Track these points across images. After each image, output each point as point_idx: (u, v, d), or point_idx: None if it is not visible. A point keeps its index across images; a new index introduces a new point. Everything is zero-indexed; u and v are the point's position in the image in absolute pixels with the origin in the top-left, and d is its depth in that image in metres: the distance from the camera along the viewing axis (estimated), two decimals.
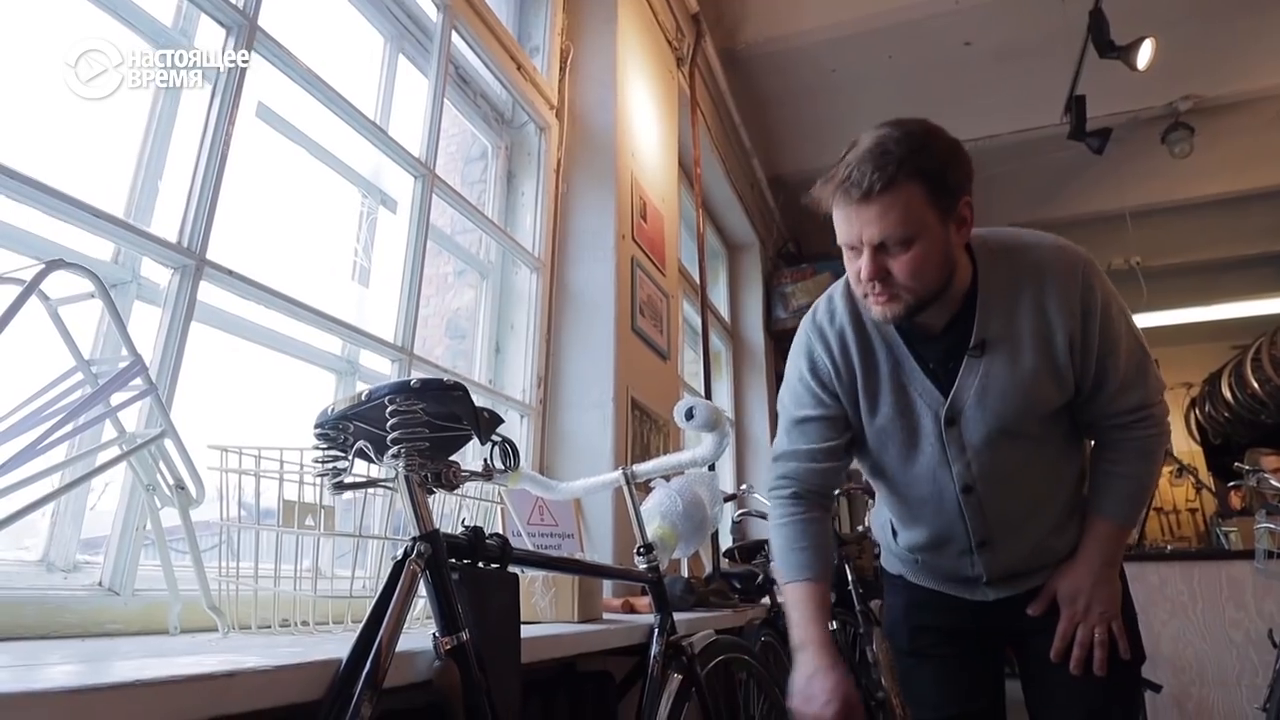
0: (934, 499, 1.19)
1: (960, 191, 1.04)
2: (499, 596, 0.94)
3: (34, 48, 1.23)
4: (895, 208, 1.00)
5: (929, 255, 1.02)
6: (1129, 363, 1.12)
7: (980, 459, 1.14)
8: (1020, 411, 1.11)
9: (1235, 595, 3.39)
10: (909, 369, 1.16)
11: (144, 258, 1.20)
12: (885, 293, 1.05)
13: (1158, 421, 1.15)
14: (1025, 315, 1.09)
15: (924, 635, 1.30)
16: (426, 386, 0.79)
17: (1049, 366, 1.10)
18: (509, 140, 2.46)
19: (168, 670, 0.59)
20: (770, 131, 4.59)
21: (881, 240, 1.01)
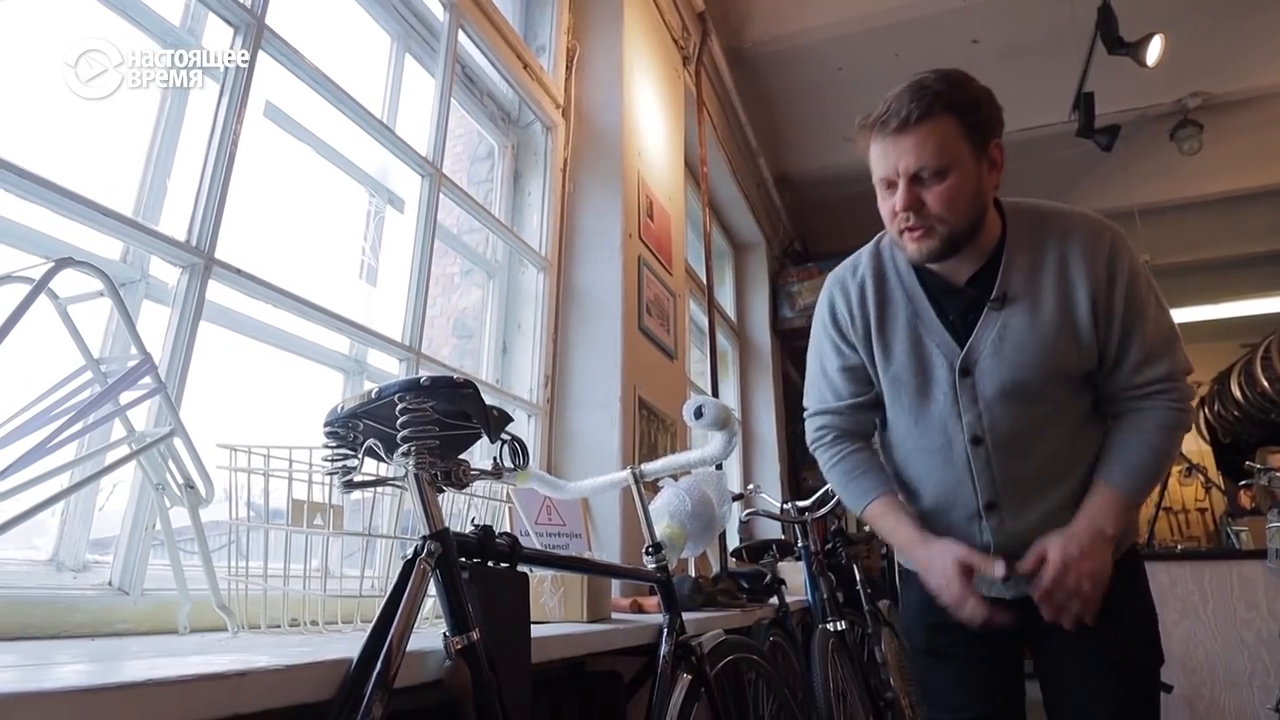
0: (943, 451, 1.18)
1: (991, 133, 1.09)
2: (509, 596, 0.93)
3: (43, 47, 1.23)
4: (932, 137, 1.03)
5: (962, 188, 1.05)
6: (1155, 335, 1.11)
7: (992, 411, 1.13)
8: (1036, 367, 1.11)
9: (1247, 595, 3.37)
10: (927, 319, 1.17)
11: (153, 257, 1.20)
12: (920, 226, 1.07)
13: (1181, 398, 1.12)
14: (1049, 273, 1.11)
15: (941, 634, 1.26)
16: (437, 384, 0.78)
17: (1068, 324, 1.10)
18: (515, 140, 2.45)
19: (179, 670, 0.59)
20: (776, 130, 4.58)
21: (918, 170, 1.04)
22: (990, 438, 1.14)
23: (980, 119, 1.08)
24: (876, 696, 2.60)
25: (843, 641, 2.26)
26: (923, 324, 1.17)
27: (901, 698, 2.74)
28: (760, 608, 2.28)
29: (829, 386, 1.28)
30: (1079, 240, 1.12)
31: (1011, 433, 1.14)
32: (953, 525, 1.20)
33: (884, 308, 1.20)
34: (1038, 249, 1.13)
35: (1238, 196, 5.17)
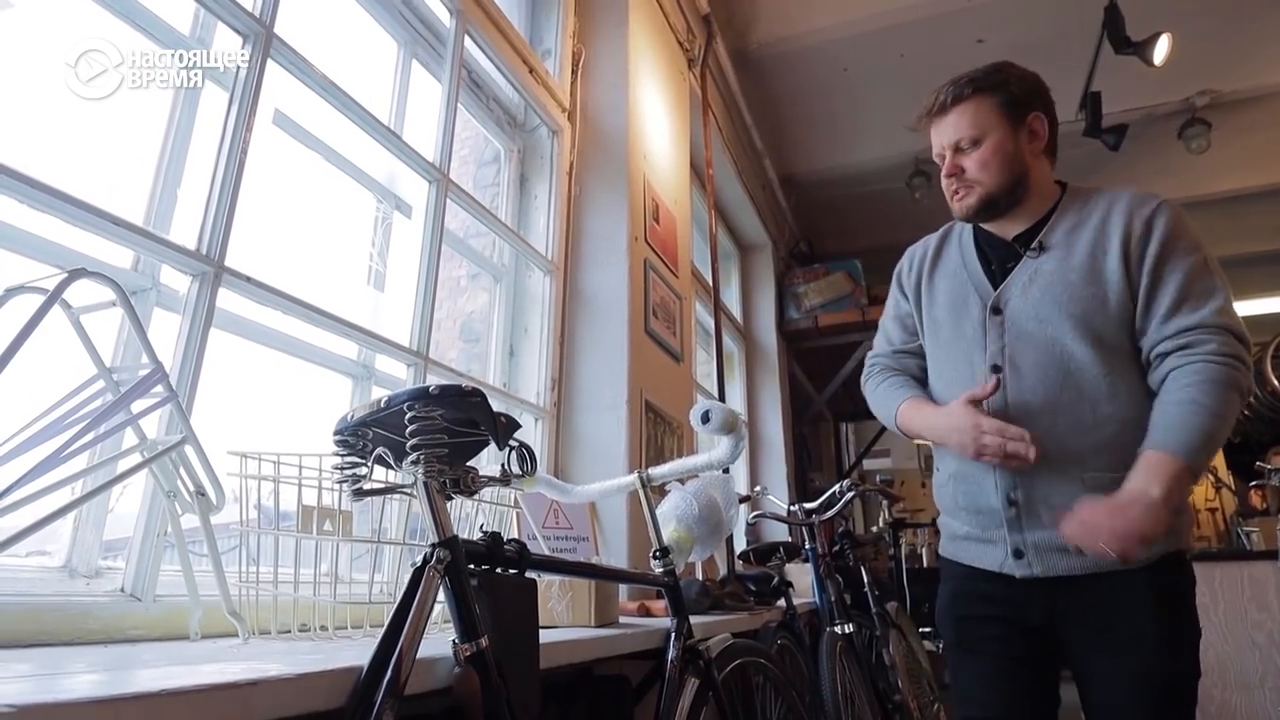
0: (964, 382, 1.27)
1: (1029, 107, 1.26)
2: (517, 602, 0.93)
3: (52, 57, 1.24)
4: (965, 114, 1.25)
5: (995, 152, 1.24)
6: (1191, 280, 1.15)
7: (1014, 346, 1.24)
8: (1060, 310, 1.20)
9: (1258, 596, 3.34)
10: (971, 266, 1.33)
11: (164, 265, 1.21)
12: (961, 188, 1.27)
13: (1219, 349, 1.10)
14: (1088, 229, 1.23)
15: (968, 626, 1.30)
16: (445, 393, 0.79)
17: (1096, 271, 1.20)
18: (522, 143, 2.46)
19: (192, 679, 0.59)
20: (782, 131, 4.58)
21: (955, 141, 1.26)
22: (1008, 368, 1.23)
23: (1012, 95, 1.25)
24: (885, 700, 2.59)
25: (850, 644, 2.26)
26: (967, 270, 1.33)
27: (910, 700, 2.73)
28: (768, 610, 2.28)
29: (884, 335, 1.48)
30: (1124, 202, 1.23)
31: (1030, 369, 1.22)
32: (971, 477, 1.27)
33: (938, 261, 1.38)
34: (1084, 211, 1.26)
35: (1246, 195, 5.14)
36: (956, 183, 1.27)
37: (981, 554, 1.27)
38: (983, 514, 1.26)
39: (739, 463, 4.27)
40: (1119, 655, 1.16)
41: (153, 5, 1.29)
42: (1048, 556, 1.19)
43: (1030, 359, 1.22)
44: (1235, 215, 5.41)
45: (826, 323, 4.76)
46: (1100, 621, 1.18)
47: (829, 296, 4.83)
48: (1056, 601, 1.21)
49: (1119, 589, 1.17)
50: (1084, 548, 1.10)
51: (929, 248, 1.41)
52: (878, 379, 1.44)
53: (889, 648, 2.78)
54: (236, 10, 1.35)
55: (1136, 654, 1.15)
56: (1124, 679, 1.16)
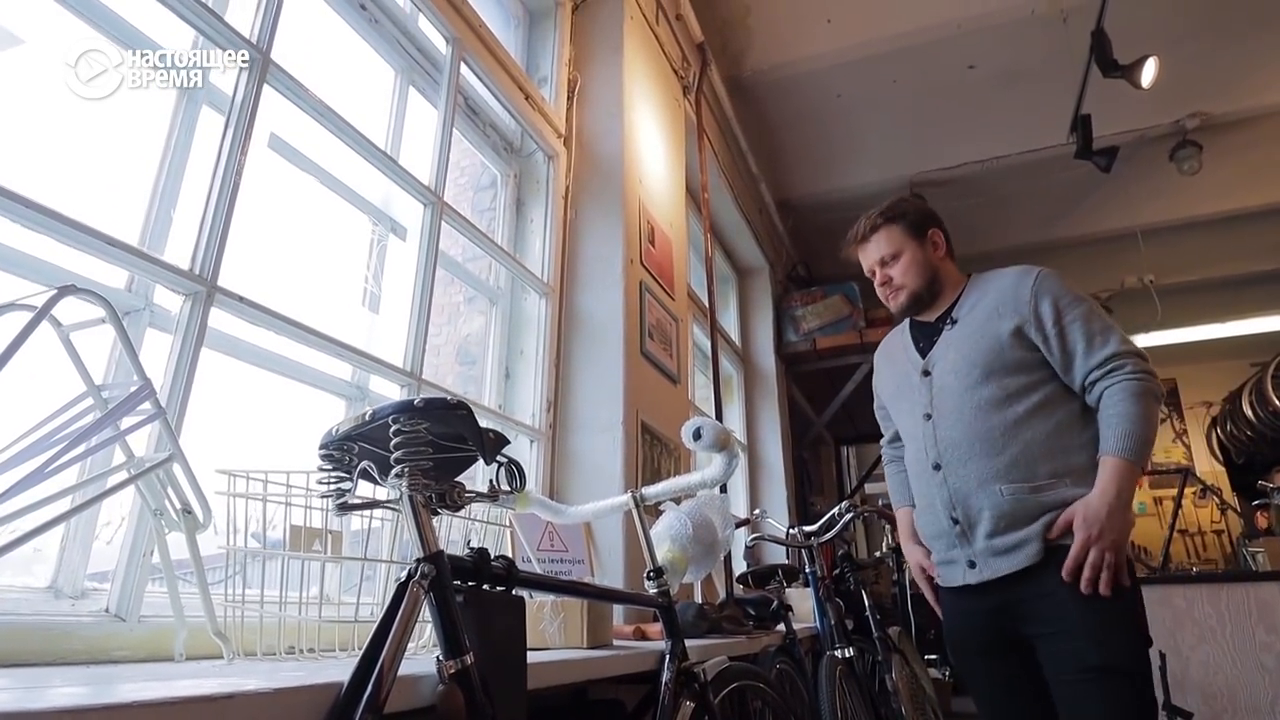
0: (912, 432, 1.62)
1: (926, 226, 1.65)
2: (504, 619, 0.92)
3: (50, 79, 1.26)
4: (882, 238, 1.65)
5: (912, 262, 1.63)
6: (1088, 330, 1.46)
7: (939, 396, 1.56)
8: (969, 362, 1.52)
9: (1266, 618, 3.29)
10: (908, 349, 1.69)
11: (157, 285, 1.22)
12: (892, 292, 1.65)
13: (1136, 369, 1.41)
14: (985, 301, 1.57)
15: (964, 659, 1.60)
16: (430, 406, 0.79)
17: (992, 328, 1.52)
18: (518, 168, 2.49)
19: (165, 692, 0.58)
20: (777, 156, 4.64)
21: (880, 258, 1.65)
22: (935, 414, 1.56)
23: (912, 220, 1.64)
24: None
25: (851, 668, 2.22)
26: (905, 352, 1.69)
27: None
28: (767, 635, 2.25)
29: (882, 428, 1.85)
30: (1010, 277, 1.57)
31: (949, 412, 1.53)
32: (921, 485, 1.60)
33: (889, 357, 1.76)
34: (982, 289, 1.61)
35: (1240, 215, 5.17)
36: (888, 289, 1.65)
37: (951, 574, 1.55)
38: (941, 538, 1.55)
39: (738, 486, 4.24)
40: (1057, 641, 1.38)
41: (151, 32, 1.32)
42: (990, 561, 1.46)
43: (950, 404, 1.53)
44: (1229, 236, 5.44)
45: (825, 345, 4.76)
46: (1040, 613, 1.41)
47: (827, 319, 4.84)
48: (1007, 595, 1.45)
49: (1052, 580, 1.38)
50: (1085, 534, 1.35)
51: (882, 351, 1.81)
52: (888, 469, 1.85)
53: (891, 673, 2.73)
54: (233, 36, 1.37)
55: (1070, 639, 1.36)
56: (1064, 663, 1.37)
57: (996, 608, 1.47)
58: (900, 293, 1.63)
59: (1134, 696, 1.32)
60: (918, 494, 1.62)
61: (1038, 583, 1.40)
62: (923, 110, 4.21)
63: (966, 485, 1.48)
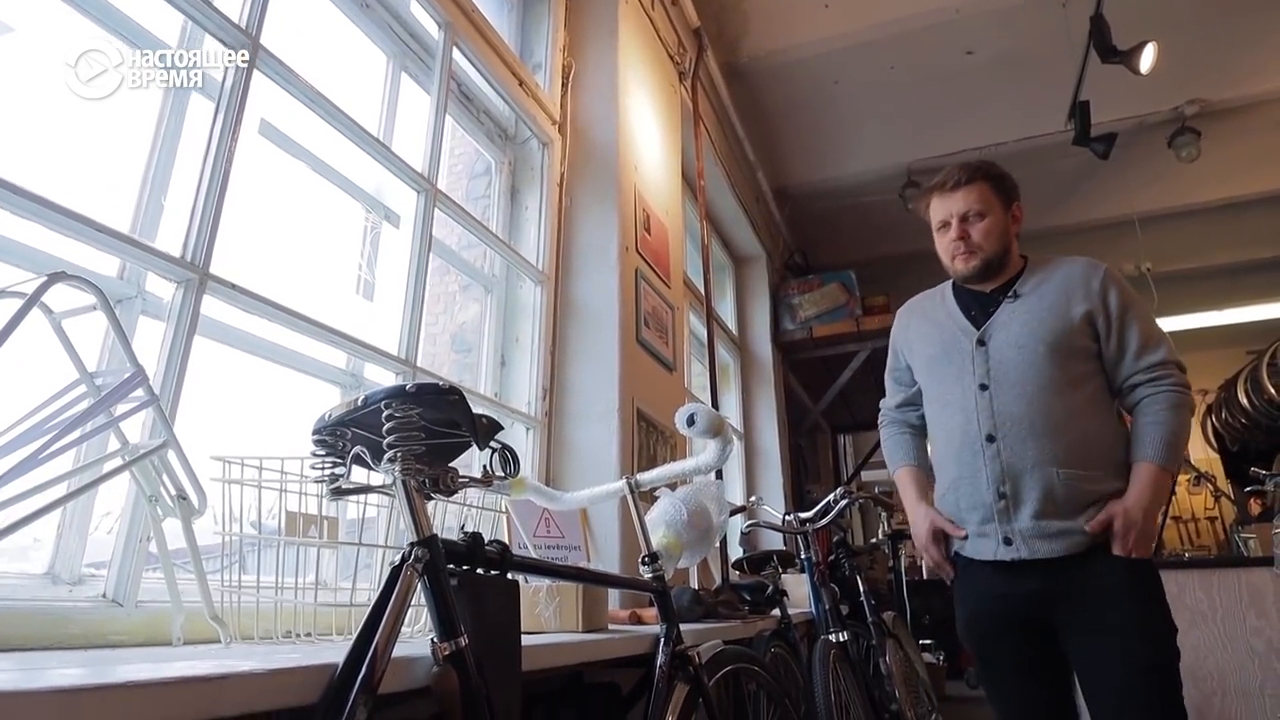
0: (960, 400, 1.55)
1: (1013, 197, 1.61)
2: (498, 603, 0.93)
3: (43, 70, 1.25)
4: (974, 192, 1.57)
5: (994, 226, 1.57)
6: (1148, 331, 1.50)
7: (998, 369, 1.52)
8: (1035, 337, 1.49)
9: (1256, 603, 3.32)
10: (955, 316, 1.63)
11: (149, 273, 1.21)
12: (966, 250, 1.57)
13: (1179, 383, 1.46)
14: (1052, 282, 1.55)
15: (986, 644, 1.58)
16: (422, 391, 0.79)
17: (1064, 315, 1.50)
18: (512, 155, 2.48)
19: (161, 673, 0.59)
20: (774, 143, 4.62)
21: (964, 212, 1.57)
22: (994, 385, 1.51)
23: (1006, 186, 1.60)
24: (881, 709, 2.57)
25: (845, 652, 2.24)
26: (951, 319, 1.64)
27: (907, 709, 2.70)
28: (762, 619, 2.27)
29: (888, 390, 1.82)
30: (1079, 265, 1.57)
31: (1011, 385, 1.49)
32: (965, 454, 1.53)
33: (926, 319, 1.70)
34: (1046, 271, 1.59)
35: (1238, 203, 5.17)
36: (964, 246, 1.57)
37: (979, 547, 1.52)
38: (979, 509, 1.51)
39: (735, 474, 4.26)
40: (1104, 642, 1.39)
41: (141, 19, 1.31)
42: (1031, 542, 1.44)
43: (1013, 378, 1.49)
44: (1226, 223, 5.44)
45: (821, 333, 4.77)
46: (1083, 606, 1.41)
47: (824, 307, 4.84)
48: (1045, 584, 1.44)
49: (1098, 572, 1.41)
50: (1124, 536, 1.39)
51: (913, 310, 1.76)
52: (886, 431, 1.82)
53: (885, 657, 2.76)
54: (223, 22, 1.36)
55: (1117, 636, 1.38)
56: (1111, 660, 1.38)
57: (1035, 593, 1.45)
58: (975, 255, 1.57)
59: (1172, 688, 1.37)
60: (956, 462, 1.55)
61: (1075, 576, 1.42)
62: (921, 97, 4.19)
63: (1022, 462, 1.45)
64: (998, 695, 1.58)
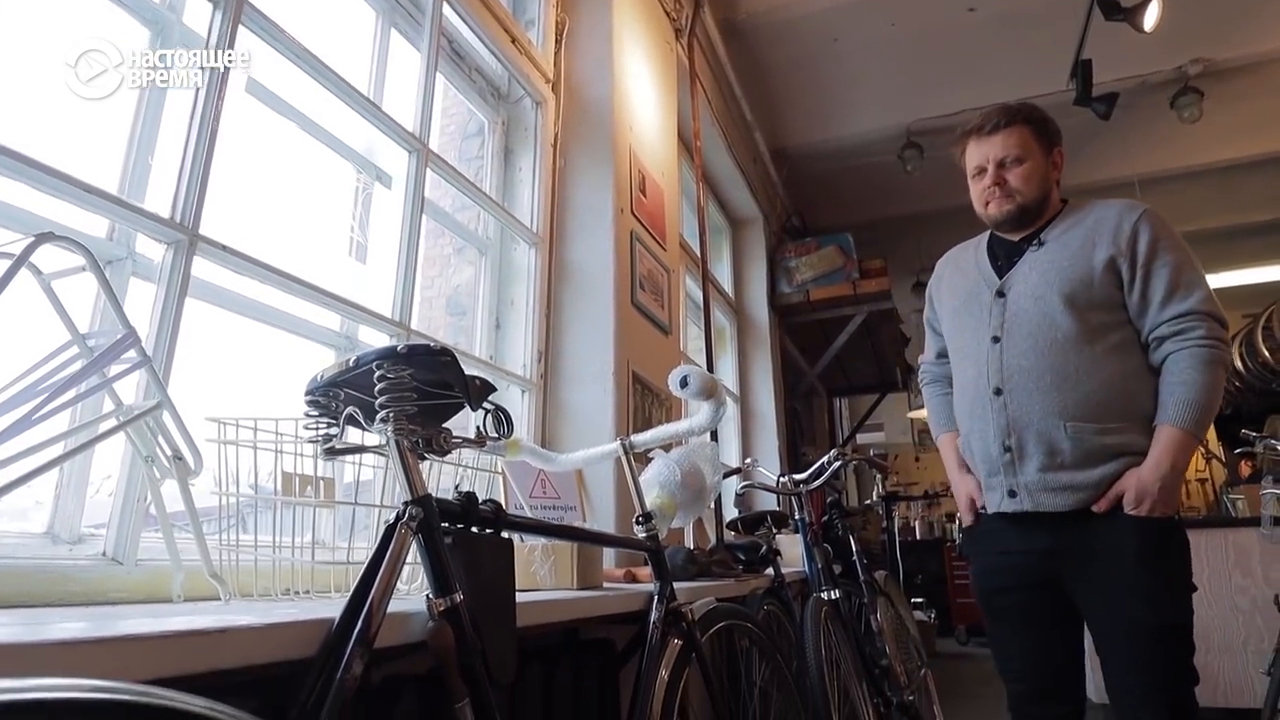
0: (973, 352, 1.55)
1: (1055, 142, 1.55)
2: (493, 560, 0.95)
3: (25, 27, 1.22)
4: (1013, 136, 1.51)
5: (1034, 171, 1.51)
6: (1174, 278, 1.40)
7: (1012, 321, 1.49)
8: (1053, 289, 1.45)
9: (1242, 562, 3.39)
10: (982, 263, 1.61)
11: (139, 234, 1.20)
12: (1002, 195, 1.52)
13: (1209, 334, 1.37)
14: (1081, 228, 1.50)
15: (995, 597, 1.56)
16: (414, 351, 0.79)
17: (1085, 258, 1.45)
18: (505, 115, 2.44)
19: (161, 626, 0.60)
20: (772, 103, 4.54)
21: (1001, 157, 1.51)
22: (1005, 338, 1.49)
23: (1047, 130, 1.54)
24: (871, 665, 2.63)
25: (836, 610, 2.29)
26: (978, 268, 1.60)
27: (897, 665, 2.77)
28: (755, 578, 2.31)
29: (928, 343, 1.80)
30: (1115, 207, 1.49)
31: (1023, 338, 1.47)
32: (975, 408, 1.54)
33: (957, 270, 1.67)
34: (1078, 215, 1.52)
35: (1239, 165, 5.13)
36: (1000, 191, 1.52)
37: (990, 499, 1.54)
38: (987, 462, 1.51)
39: (730, 437, 4.29)
40: (1115, 602, 1.38)
41: None
42: (1036, 495, 1.43)
43: (1025, 329, 1.46)
44: (1226, 186, 5.40)
45: (818, 296, 4.76)
46: (1093, 565, 1.40)
47: (821, 270, 4.82)
48: (1054, 542, 1.43)
49: (1104, 530, 1.38)
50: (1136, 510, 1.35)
51: (949, 259, 1.73)
52: (927, 389, 1.80)
53: (876, 614, 2.82)
54: None
55: (1126, 597, 1.36)
56: (1117, 620, 1.38)
57: (1046, 551, 1.45)
58: (1011, 200, 1.51)
59: (1181, 650, 1.36)
60: (969, 416, 1.56)
61: (1088, 535, 1.40)
62: (921, 55, 4.11)
63: (1027, 415, 1.43)
64: (1003, 648, 1.56)
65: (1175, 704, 1.36)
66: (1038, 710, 1.51)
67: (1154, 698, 1.35)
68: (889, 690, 2.64)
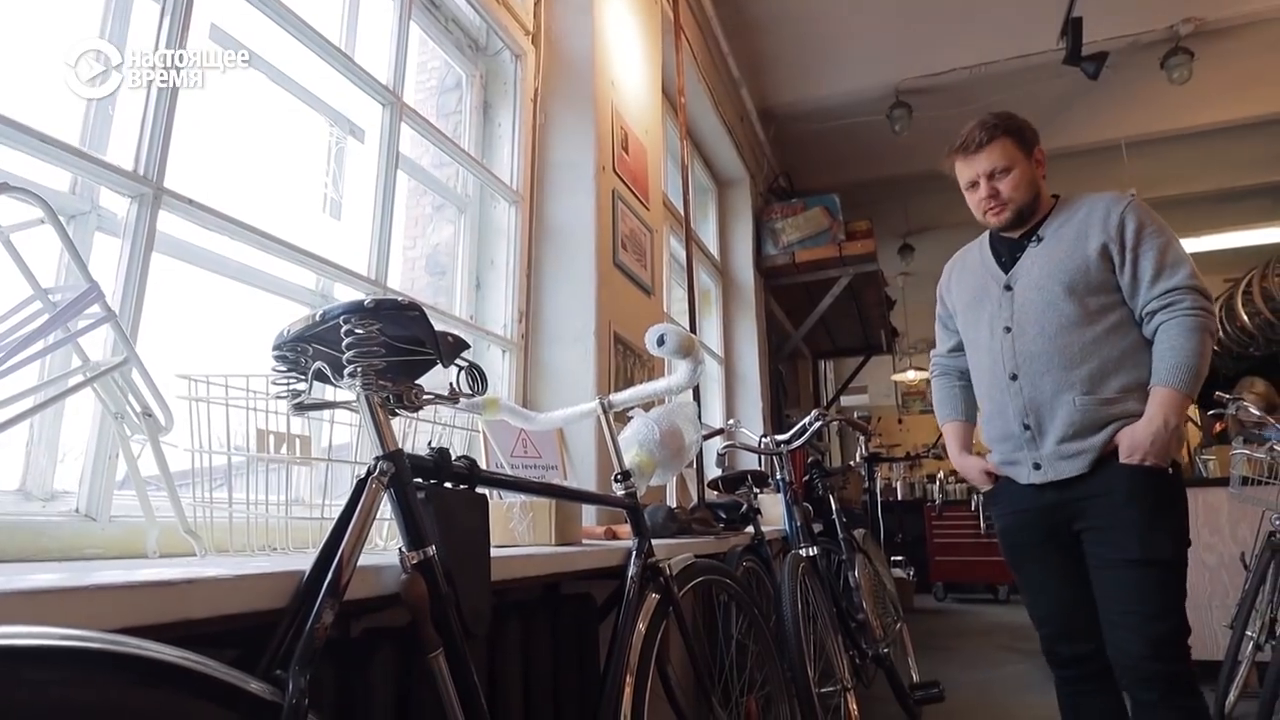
0: (988, 343, 1.71)
1: (1034, 144, 1.69)
2: (467, 516, 0.95)
3: None
4: (996, 150, 1.65)
5: (1021, 177, 1.66)
6: (1160, 259, 1.55)
7: (1021, 310, 1.65)
8: (1054, 279, 1.60)
9: (1211, 520, 3.48)
10: (987, 262, 1.76)
11: (102, 188, 1.17)
12: (997, 205, 1.68)
13: (1194, 305, 1.51)
14: (1073, 222, 1.65)
15: (1016, 552, 1.73)
16: (381, 306, 0.78)
17: (1080, 253, 1.60)
18: (484, 69, 2.38)
19: (131, 577, 0.61)
20: (759, 61, 4.46)
21: (990, 170, 1.66)
22: (1016, 328, 1.65)
23: (1025, 136, 1.67)
24: (847, 619, 2.70)
25: (814, 566, 2.33)
26: (985, 267, 1.76)
27: (873, 619, 2.85)
28: (735, 536, 2.35)
29: (938, 337, 1.97)
30: (1102, 200, 1.64)
31: (1031, 325, 1.63)
32: (994, 393, 1.70)
33: (965, 270, 1.83)
34: (1070, 210, 1.68)
35: (1226, 128, 5.12)
36: (994, 202, 1.67)
37: (1015, 474, 1.69)
38: (1009, 440, 1.68)
39: (714, 398, 4.31)
40: (1106, 540, 1.54)
41: None
42: (1056, 464, 1.59)
43: (1032, 318, 1.62)
44: (1213, 149, 5.39)
45: (804, 259, 4.75)
46: (1095, 511, 1.55)
47: (807, 232, 4.80)
48: (1064, 495, 1.59)
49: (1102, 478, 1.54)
50: (1129, 460, 1.51)
51: (956, 262, 1.88)
52: (937, 380, 1.96)
53: (854, 571, 2.88)
54: None
55: (1114, 533, 1.52)
56: (1105, 553, 1.54)
57: (1053, 505, 1.62)
58: (1006, 208, 1.67)
59: (1167, 586, 1.49)
60: (989, 400, 1.74)
61: (1088, 486, 1.56)
62: (911, 12, 4.04)
63: (1041, 395, 1.60)
64: (1030, 595, 1.74)
65: (1159, 637, 1.47)
66: (1065, 649, 1.67)
67: (1140, 626, 1.48)
68: (865, 643, 2.71)
